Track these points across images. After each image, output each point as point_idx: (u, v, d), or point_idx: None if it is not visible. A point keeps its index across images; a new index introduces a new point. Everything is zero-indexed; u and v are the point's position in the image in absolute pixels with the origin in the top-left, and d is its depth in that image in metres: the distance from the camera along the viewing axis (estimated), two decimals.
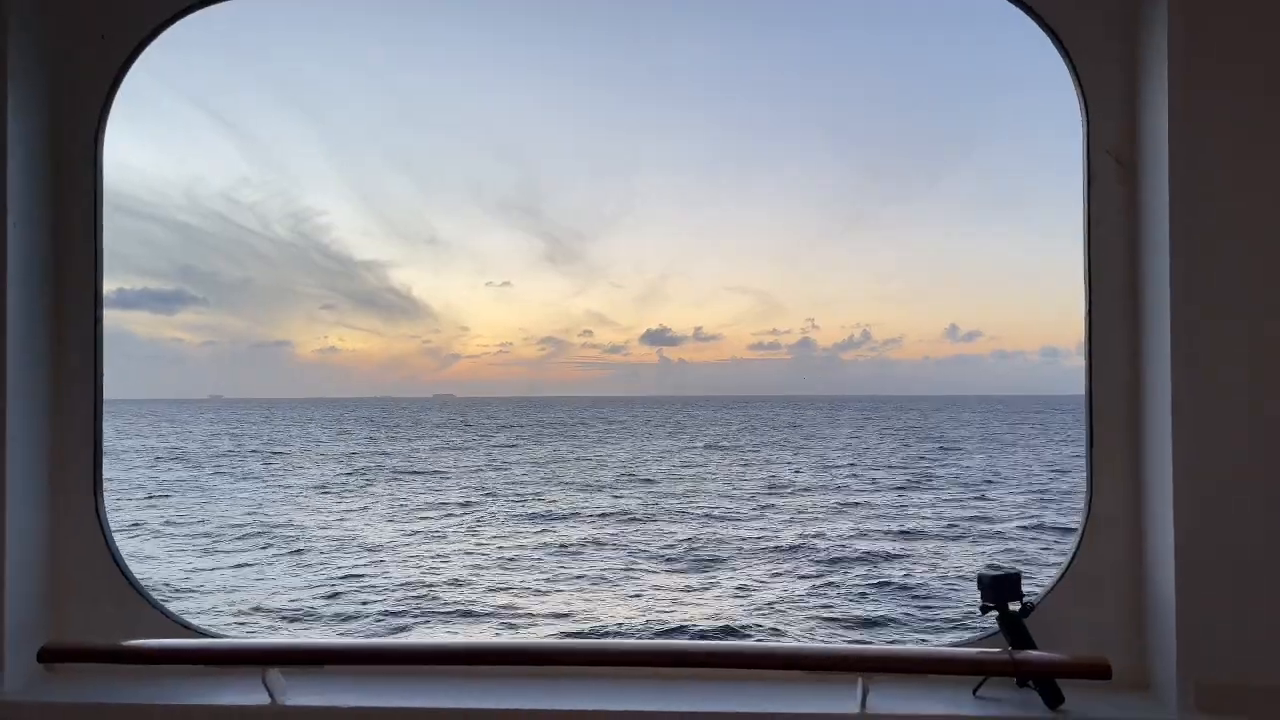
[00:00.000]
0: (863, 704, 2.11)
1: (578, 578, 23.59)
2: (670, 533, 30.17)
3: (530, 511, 35.14)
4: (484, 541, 28.94)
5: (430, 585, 22.75)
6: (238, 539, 29.56)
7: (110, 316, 2.58)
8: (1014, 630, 2.22)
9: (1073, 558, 2.32)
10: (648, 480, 45.41)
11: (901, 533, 29.89)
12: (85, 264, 2.45)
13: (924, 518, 33.00)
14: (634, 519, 33.45)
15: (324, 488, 42.67)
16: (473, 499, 38.54)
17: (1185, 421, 2.09)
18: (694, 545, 27.80)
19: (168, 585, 22.78)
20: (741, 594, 21.86)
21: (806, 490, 41.13)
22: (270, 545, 28.49)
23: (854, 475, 46.49)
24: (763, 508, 36.04)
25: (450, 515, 34.31)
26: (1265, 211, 2.10)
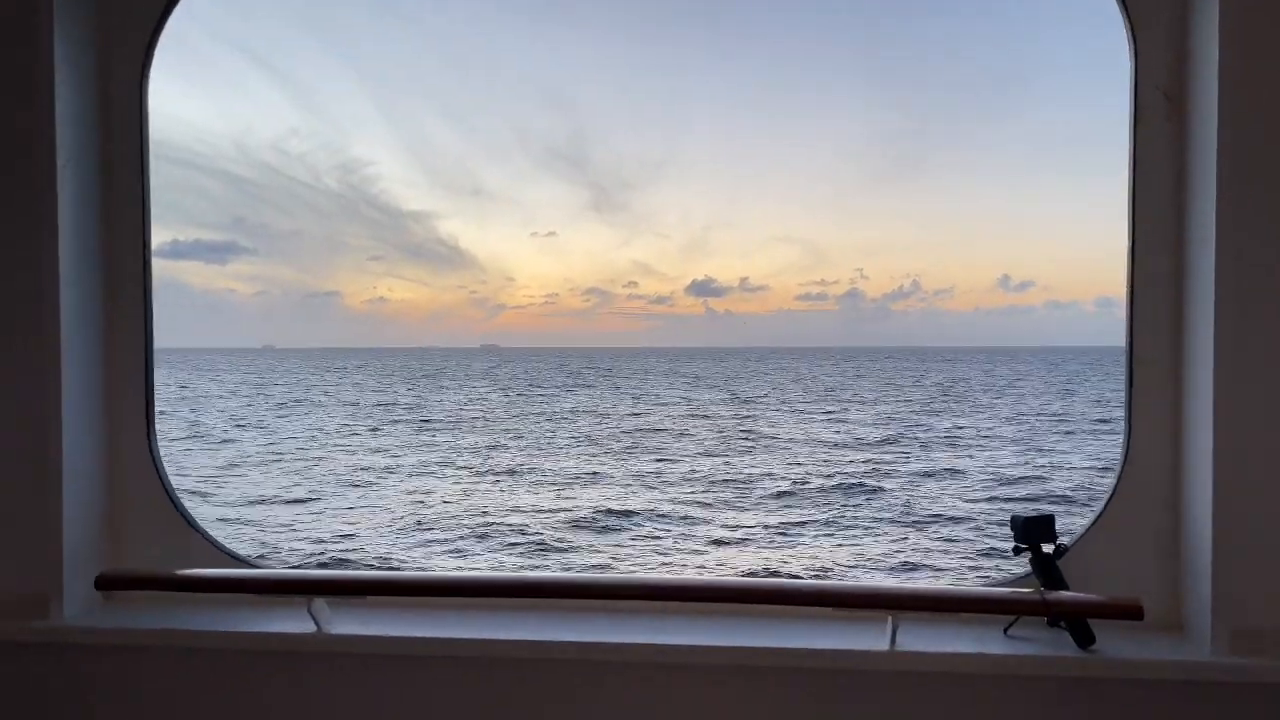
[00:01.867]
0: (892, 641, 2.13)
1: None
2: None
3: None
4: None
5: None
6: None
7: (164, 267, 2.71)
8: (1047, 572, 2.22)
9: (1109, 501, 2.31)
10: None
11: None
12: (134, 206, 2.51)
13: None
14: None
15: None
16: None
17: (1226, 366, 2.05)
18: None
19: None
20: None
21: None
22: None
23: None
24: None
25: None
26: None
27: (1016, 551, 2.26)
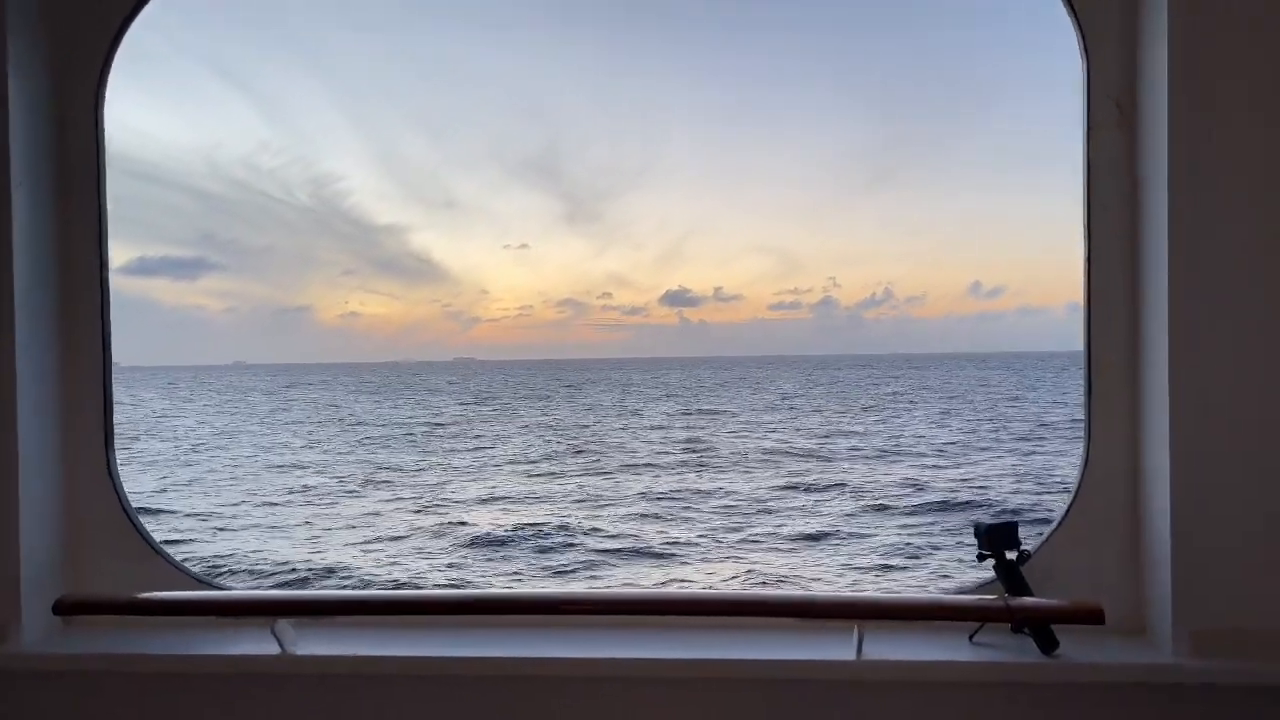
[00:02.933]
0: (859, 651, 2.14)
1: None
2: None
3: None
4: None
5: None
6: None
7: (132, 284, 2.68)
8: (1011, 578, 2.24)
9: (1070, 506, 2.33)
10: None
11: None
12: (90, 224, 2.47)
13: None
14: None
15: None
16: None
17: (1182, 370, 2.08)
18: None
19: None
20: None
21: None
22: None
23: None
24: None
25: None
26: (1267, 156, 2.08)
27: (981, 559, 2.28)
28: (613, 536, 23.12)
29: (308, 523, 25.45)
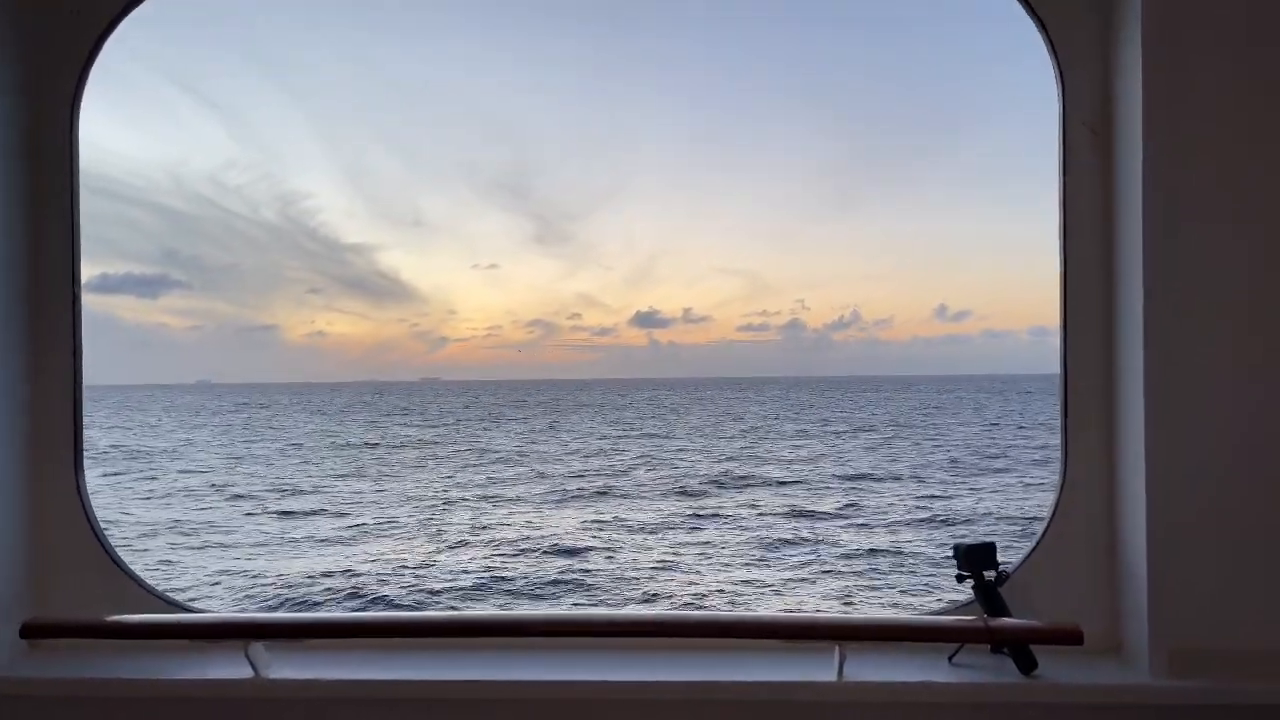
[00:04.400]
0: (839, 672, 2.13)
1: None
2: None
3: None
4: None
5: None
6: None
7: (94, 301, 2.64)
8: (989, 598, 2.25)
9: (1047, 527, 2.35)
10: None
11: None
12: (64, 240, 2.44)
13: None
14: None
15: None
16: None
17: (1157, 391, 2.11)
18: None
19: None
20: None
21: None
22: None
23: None
24: None
25: None
26: (1239, 181, 2.12)
27: (960, 579, 2.29)
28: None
29: None
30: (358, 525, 28.52)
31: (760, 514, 29.76)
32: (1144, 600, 2.13)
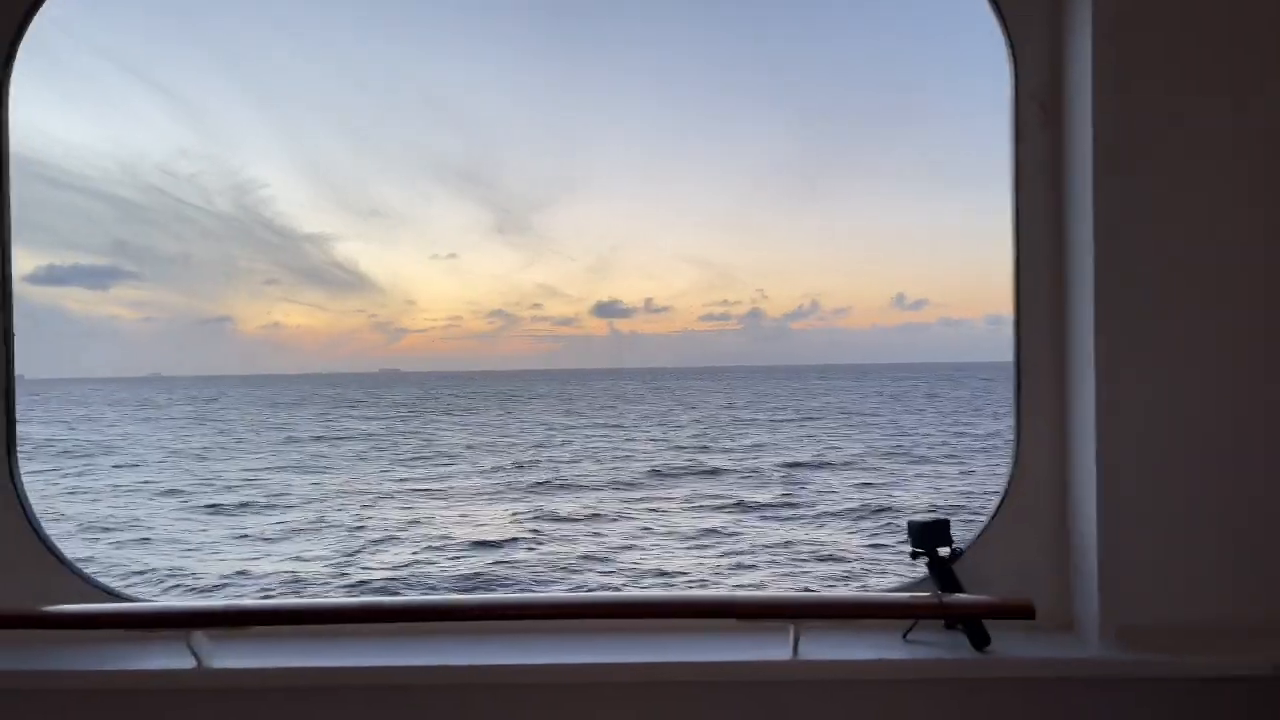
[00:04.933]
0: (795, 650, 2.13)
1: None
2: None
3: None
4: None
5: None
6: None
7: (41, 293, 2.53)
8: (943, 575, 2.26)
9: (1000, 505, 2.36)
10: None
11: None
12: None
13: None
14: None
15: None
16: None
17: (1107, 372, 2.13)
18: None
19: None
20: None
21: None
22: None
23: None
24: None
25: None
26: (1189, 158, 2.14)
27: (914, 556, 2.30)
28: None
29: None
30: (282, 522, 27.95)
31: (694, 506, 29.57)
32: (1094, 576, 2.15)
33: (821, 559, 22.32)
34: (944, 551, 2.28)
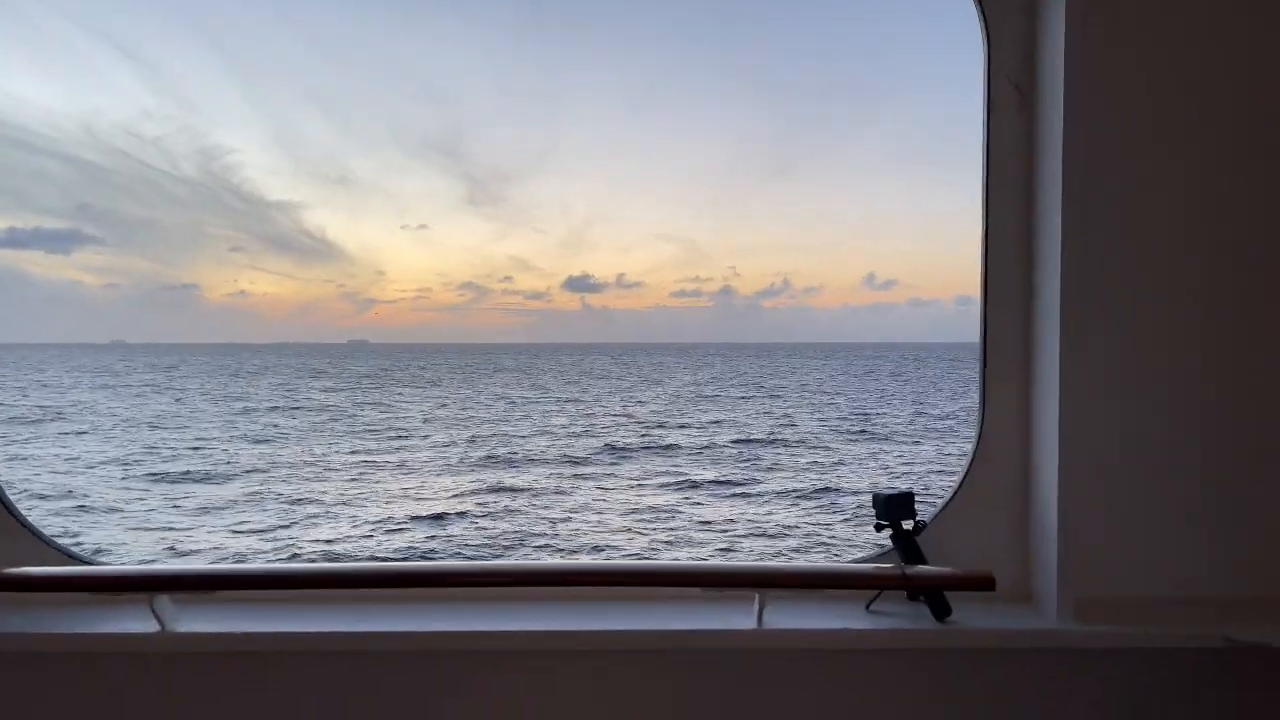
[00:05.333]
0: (759, 619, 2.15)
1: None
2: None
3: None
4: None
5: None
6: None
7: (1, 256, 2.43)
8: (907, 547, 2.29)
9: (963, 479, 2.39)
10: None
11: None
12: None
13: None
14: None
15: None
16: None
17: (1071, 350, 2.16)
18: None
19: None
20: None
21: None
22: None
23: None
24: None
25: None
26: (1159, 140, 2.16)
27: (878, 528, 2.32)
28: None
29: None
30: (223, 493, 27.67)
31: (640, 483, 29.52)
32: (1054, 550, 2.19)
33: (760, 535, 22.48)
34: (908, 524, 2.31)
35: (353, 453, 36.02)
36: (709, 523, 23.63)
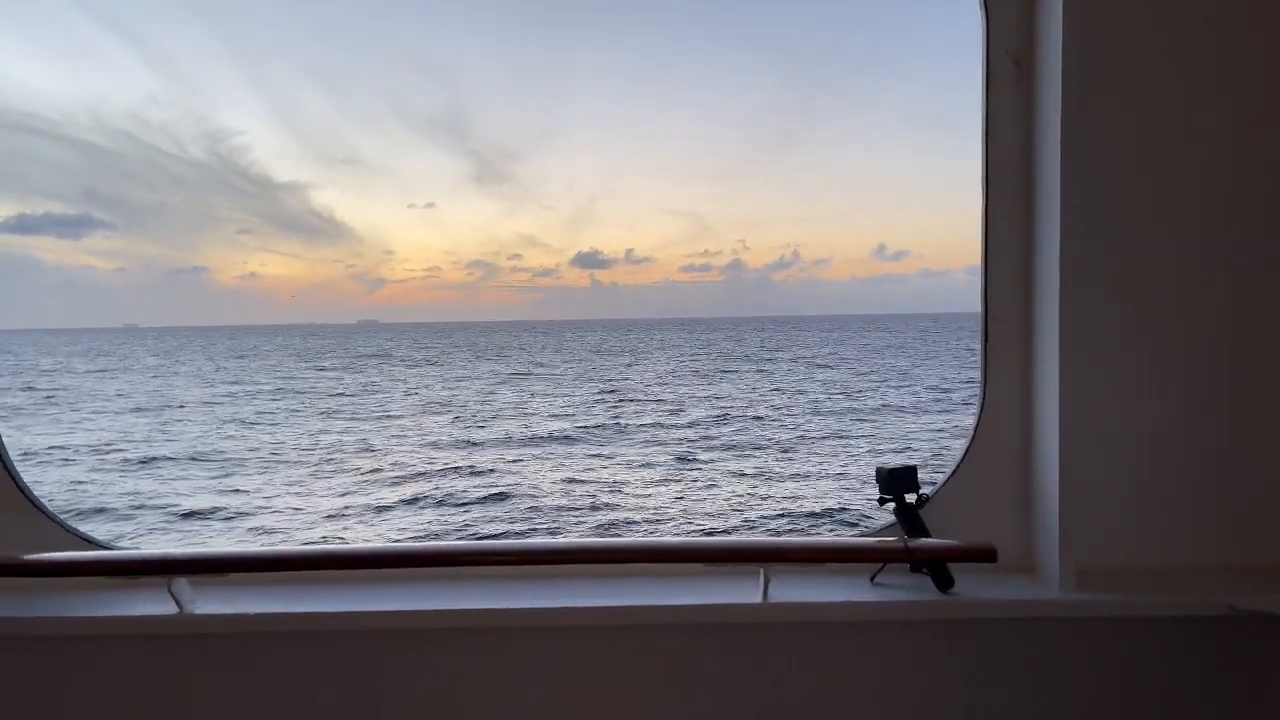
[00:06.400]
0: (764, 593, 2.18)
1: None
2: None
3: None
4: None
5: None
6: None
7: (12, 243, 2.47)
8: (910, 520, 2.31)
9: (966, 451, 2.41)
10: None
11: None
12: None
13: None
14: None
15: None
16: None
17: (1071, 319, 2.17)
18: None
19: None
20: None
21: None
22: None
23: None
24: None
25: None
26: (1155, 113, 2.17)
27: (881, 502, 2.35)
28: None
29: None
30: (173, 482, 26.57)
31: (594, 468, 28.11)
32: (1055, 521, 2.21)
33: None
34: (911, 497, 2.33)
35: (317, 434, 34.96)
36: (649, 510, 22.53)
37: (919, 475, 2.35)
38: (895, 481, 2.32)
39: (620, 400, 42.62)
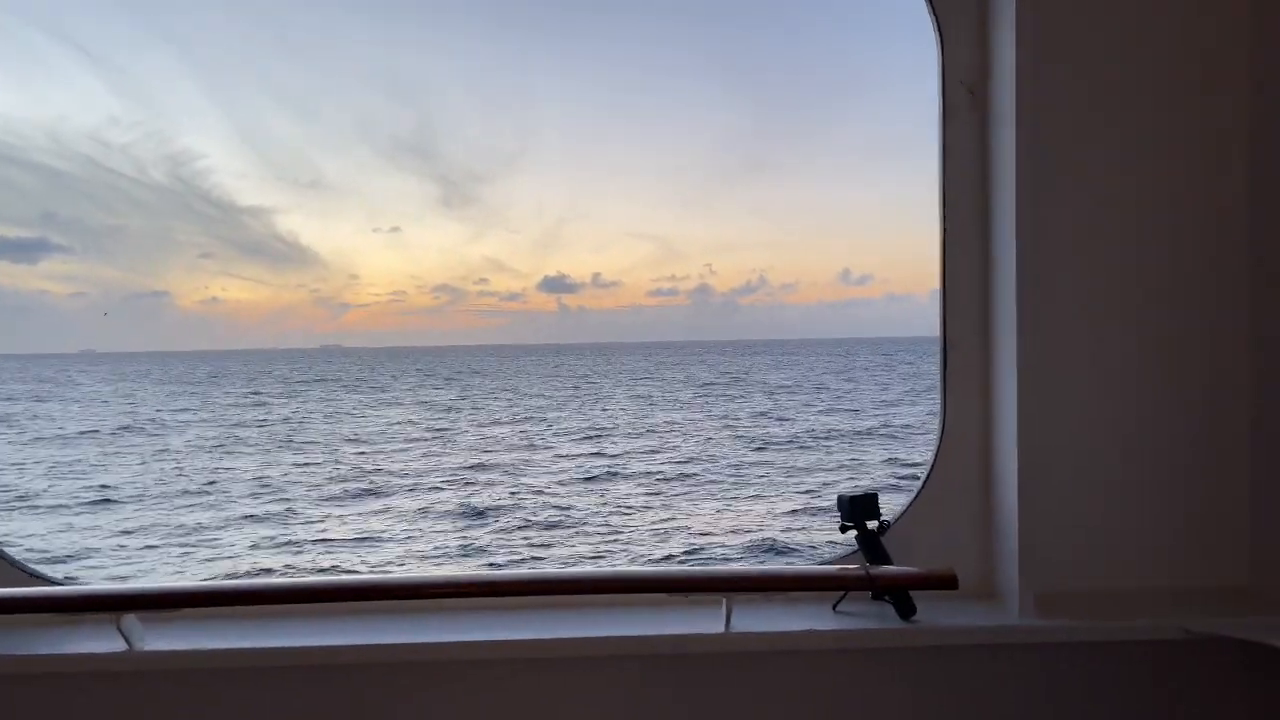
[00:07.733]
0: (727, 623, 2.17)
1: None
2: None
3: None
4: None
5: None
6: None
7: None
8: (872, 548, 2.31)
9: (926, 479, 2.43)
10: None
11: None
12: None
13: None
14: None
15: None
16: None
17: (1028, 348, 2.20)
18: None
19: None
20: None
21: None
22: None
23: None
24: None
25: None
26: (1108, 140, 2.21)
27: (843, 529, 2.35)
28: None
29: None
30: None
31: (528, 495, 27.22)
32: (1014, 547, 2.23)
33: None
34: (872, 524, 2.34)
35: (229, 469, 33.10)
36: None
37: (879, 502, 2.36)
38: (857, 509, 2.33)
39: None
